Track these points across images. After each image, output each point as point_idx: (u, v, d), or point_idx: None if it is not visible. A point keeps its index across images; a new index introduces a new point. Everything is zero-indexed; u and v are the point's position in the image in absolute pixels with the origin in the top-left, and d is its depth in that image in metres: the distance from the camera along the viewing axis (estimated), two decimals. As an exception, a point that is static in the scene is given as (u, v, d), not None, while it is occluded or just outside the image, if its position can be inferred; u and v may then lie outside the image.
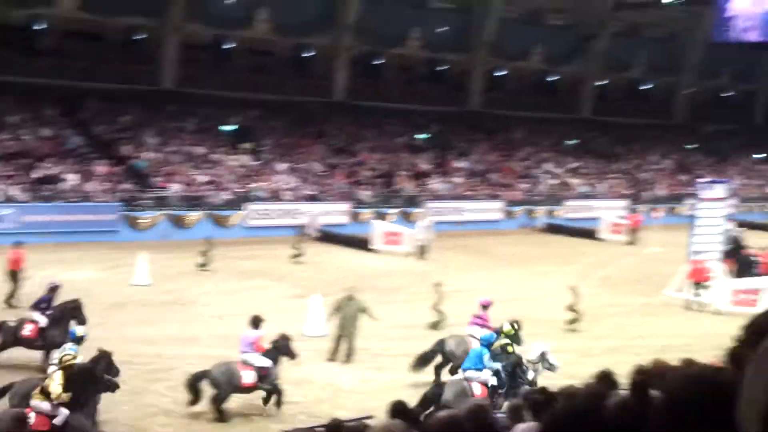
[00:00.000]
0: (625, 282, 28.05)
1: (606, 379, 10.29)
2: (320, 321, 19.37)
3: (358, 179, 40.91)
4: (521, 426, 6.70)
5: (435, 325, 20.77)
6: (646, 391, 8.52)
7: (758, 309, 20.93)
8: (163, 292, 23.73)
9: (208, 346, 18.49)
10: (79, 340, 14.15)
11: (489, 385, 13.82)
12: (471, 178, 44.43)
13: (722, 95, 63.04)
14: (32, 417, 12.03)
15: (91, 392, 12.74)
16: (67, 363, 12.45)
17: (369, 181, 41.04)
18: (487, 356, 14.10)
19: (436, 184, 42.63)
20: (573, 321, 21.26)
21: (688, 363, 10.64)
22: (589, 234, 39.15)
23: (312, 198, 38.09)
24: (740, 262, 27.19)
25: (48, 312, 16.81)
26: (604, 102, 55.98)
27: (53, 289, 17.48)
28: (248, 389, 14.68)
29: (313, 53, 46.20)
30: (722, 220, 27.27)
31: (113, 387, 13.14)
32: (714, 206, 27.00)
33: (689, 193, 43.30)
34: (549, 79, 54.94)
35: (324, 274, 27.36)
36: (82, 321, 16.27)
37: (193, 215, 34.44)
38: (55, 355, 14.07)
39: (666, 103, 59.81)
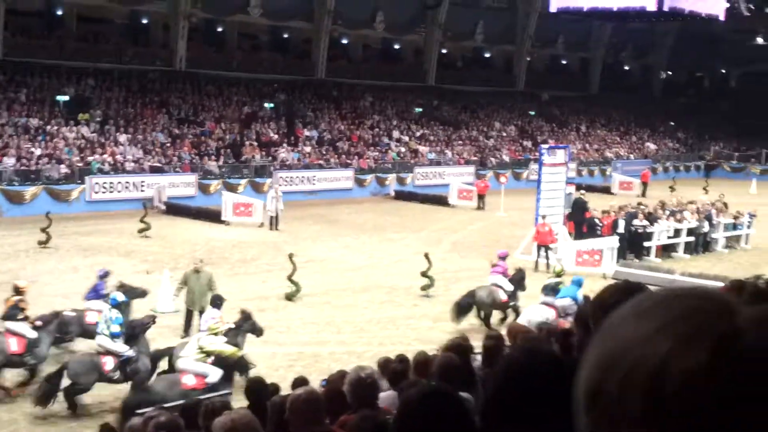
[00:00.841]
0: (476, 246, 28.58)
1: (460, 346, 10.39)
2: (170, 296, 18.82)
3: (205, 150, 39.91)
4: (381, 395, 6.64)
5: (289, 297, 20.61)
6: (500, 355, 8.52)
7: (601, 269, 21.95)
8: (0, 271, 22.46)
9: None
10: (120, 306, 14.09)
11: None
12: (320, 147, 44.20)
13: (561, 63, 65.48)
14: (190, 378, 12.59)
15: None
16: (217, 330, 13.44)
17: (216, 151, 40.11)
18: (579, 291, 16.55)
19: (284, 153, 42.15)
20: (426, 287, 21.52)
21: (541, 328, 10.88)
22: (438, 200, 39.70)
23: (157, 170, 36.86)
24: (583, 224, 28.14)
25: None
26: (448, 70, 56.91)
27: (105, 275, 17.09)
28: None
29: (150, 20, 44.68)
30: (564, 184, 28.19)
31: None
32: (556, 171, 27.82)
33: (532, 158, 44.67)
34: (394, 47, 55.39)
35: (173, 248, 26.60)
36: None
37: (30, 190, 32.78)
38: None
39: (507, 71, 61.38)
